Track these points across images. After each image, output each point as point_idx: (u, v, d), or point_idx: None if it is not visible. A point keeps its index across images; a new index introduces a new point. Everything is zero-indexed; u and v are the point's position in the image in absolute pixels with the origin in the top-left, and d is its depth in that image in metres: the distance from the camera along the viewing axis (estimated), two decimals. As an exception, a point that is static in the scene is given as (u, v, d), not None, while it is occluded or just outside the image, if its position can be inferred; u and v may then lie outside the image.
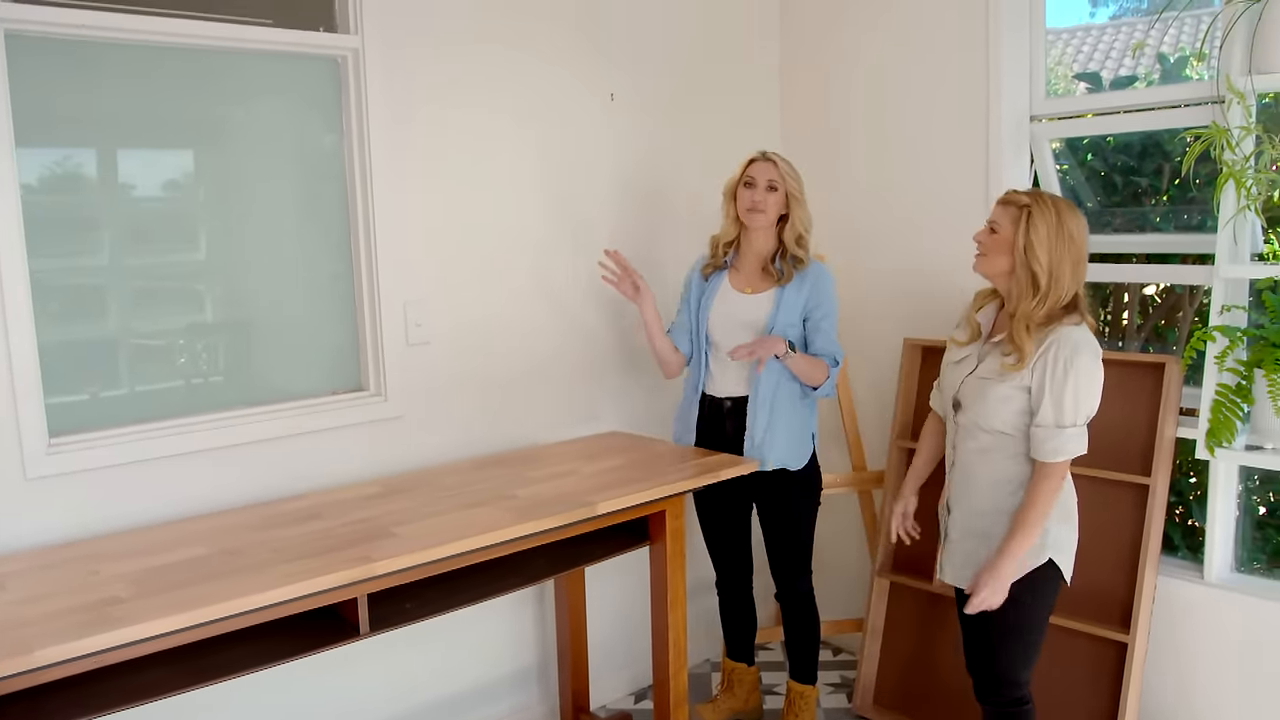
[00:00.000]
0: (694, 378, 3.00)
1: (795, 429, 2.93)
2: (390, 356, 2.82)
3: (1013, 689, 2.40)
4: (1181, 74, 3.23)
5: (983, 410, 2.31)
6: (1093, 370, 2.21)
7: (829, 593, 3.76)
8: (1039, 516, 2.24)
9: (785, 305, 2.86)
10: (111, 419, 2.43)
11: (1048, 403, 2.21)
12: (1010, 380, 2.26)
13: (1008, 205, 2.31)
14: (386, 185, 2.76)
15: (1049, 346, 2.22)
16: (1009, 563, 2.24)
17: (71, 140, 2.37)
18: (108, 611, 1.82)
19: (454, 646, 3.05)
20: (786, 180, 2.87)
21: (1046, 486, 2.23)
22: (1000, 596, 2.25)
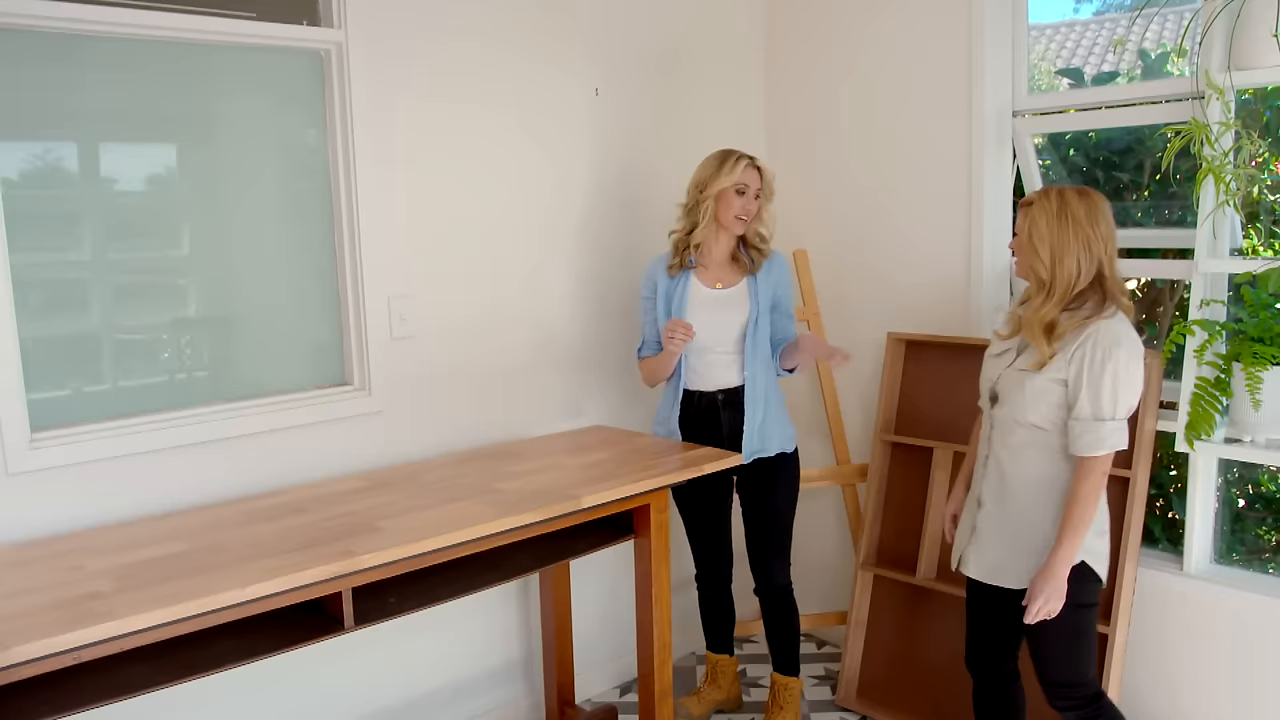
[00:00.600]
0: (675, 376, 3.00)
1: (783, 412, 3.04)
2: (374, 351, 2.81)
3: (1082, 689, 2.35)
4: (1163, 70, 3.25)
5: (1020, 403, 2.27)
6: (1132, 363, 2.18)
7: (813, 586, 3.78)
8: (1085, 515, 2.19)
9: (759, 295, 2.94)
10: (94, 414, 2.42)
11: (1085, 395, 2.18)
12: (1047, 373, 2.23)
13: (1022, 206, 2.31)
14: (370, 179, 2.76)
15: (1087, 338, 2.19)
16: (1062, 567, 2.20)
17: (53, 134, 2.35)
18: (90, 607, 1.82)
19: (440, 641, 3.05)
20: (770, 191, 2.97)
21: (1088, 484, 2.19)
22: (1058, 602, 2.21)
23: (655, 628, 2.75)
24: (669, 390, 3.03)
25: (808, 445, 3.76)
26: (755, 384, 2.94)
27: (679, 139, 3.50)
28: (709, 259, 2.99)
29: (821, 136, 3.66)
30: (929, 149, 3.35)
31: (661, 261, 3.03)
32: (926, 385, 3.36)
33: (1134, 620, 2.90)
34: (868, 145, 3.53)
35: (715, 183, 2.90)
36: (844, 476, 3.57)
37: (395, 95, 2.80)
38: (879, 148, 3.50)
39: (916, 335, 3.36)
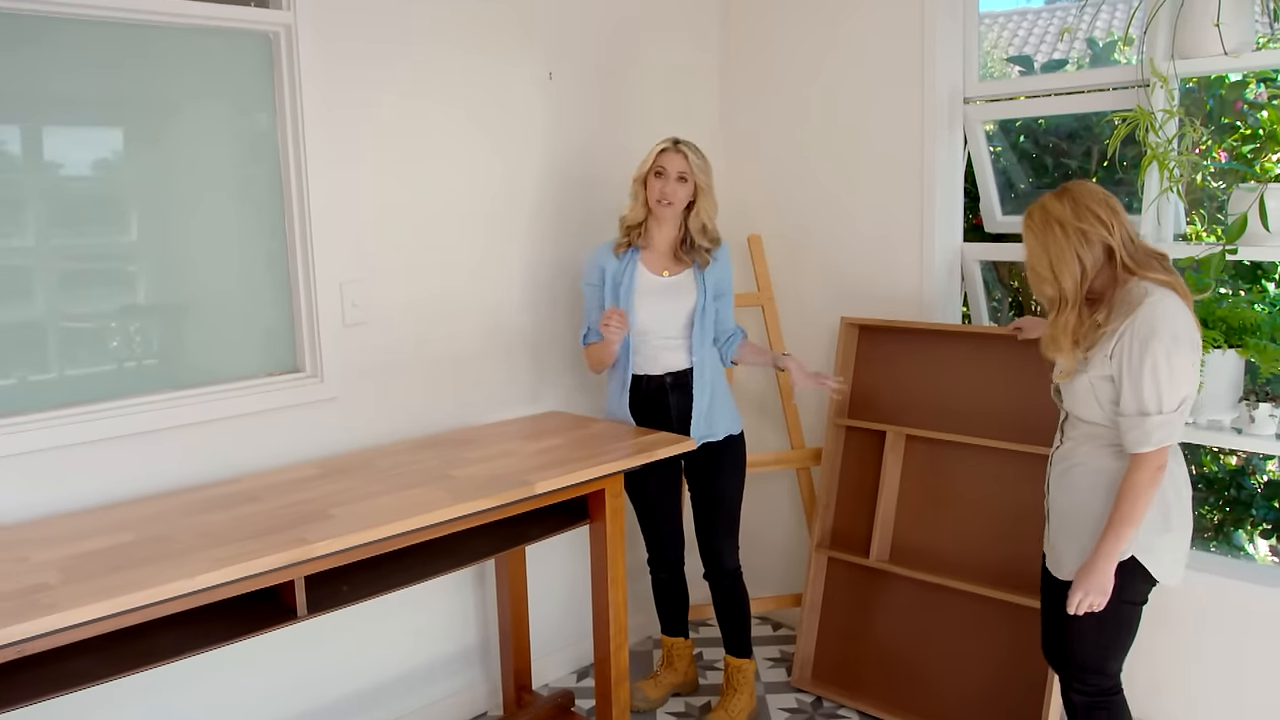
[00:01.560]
0: (621, 364, 3.00)
1: (729, 397, 3.07)
2: (326, 337, 2.79)
3: (1100, 679, 2.31)
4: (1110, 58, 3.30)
5: (1074, 400, 2.26)
6: (1173, 353, 2.08)
7: (768, 568, 3.82)
8: (1132, 511, 2.13)
9: (706, 283, 2.96)
10: (40, 404, 2.38)
11: (1128, 391, 2.12)
12: (1092, 370, 2.18)
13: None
14: (321, 164, 2.73)
15: (1125, 331, 2.12)
16: (1105, 562, 2.15)
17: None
18: (35, 599, 1.79)
19: (396, 628, 3.04)
20: (696, 173, 2.91)
21: (1136, 479, 2.12)
22: (1102, 597, 2.16)
23: (611, 612, 2.76)
24: (617, 376, 3.04)
25: (762, 430, 3.79)
26: (703, 370, 2.97)
27: (631, 124, 3.50)
28: (653, 244, 3.00)
29: (775, 122, 3.67)
30: (882, 134, 3.38)
31: (606, 248, 3.03)
32: (879, 370, 3.40)
33: (1080, 599, 2.96)
34: (821, 131, 3.55)
35: (640, 168, 2.95)
36: (798, 460, 3.60)
37: (346, 79, 2.77)
38: (832, 133, 3.52)
39: (870, 320, 3.39)
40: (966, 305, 3.49)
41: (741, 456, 3.09)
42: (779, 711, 3.26)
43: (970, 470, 3.14)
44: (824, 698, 3.33)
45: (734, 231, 3.72)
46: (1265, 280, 3.48)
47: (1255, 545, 3.91)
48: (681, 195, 2.91)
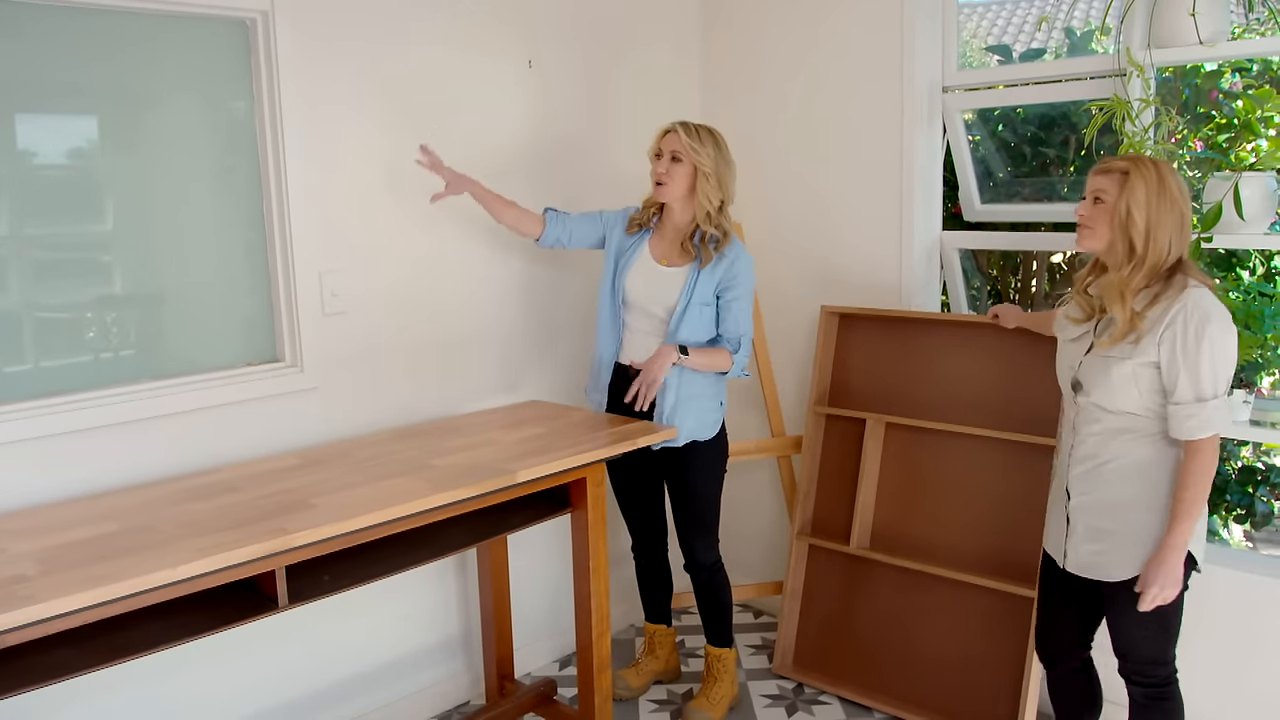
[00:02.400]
0: (608, 341, 2.99)
1: (705, 401, 2.94)
2: (306, 327, 2.78)
3: (1163, 669, 2.29)
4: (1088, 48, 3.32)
5: (1107, 391, 2.17)
6: (1226, 336, 2.07)
7: (749, 556, 3.84)
8: (1197, 498, 2.09)
9: (699, 285, 2.84)
10: (15, 395, 2.36)
11: (1184, 377, 2.06)
12: (1137, 357, 2.11)
13: (1109, 173, 2.17)
14: (299, 153, 2.71)
15: (1175, 316, 2.07)
16: (1176, 555, 2.11)
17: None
18: (13, 590, 1.78)
19: (379, 618, 3.04)
20: (690, 153, 2.79)
21: (1198, 465, 2.08)
22: (1173, 589, 2.13)
23: (593, 600, 2.77)
24: (605, 348, 3.00)
25: (743, 418, 3.81)
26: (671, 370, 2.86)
27: (611, 111, 3.50)
28: (664, 230, 2.95)
29: (756, 111, 3.68)
30: (861, 123, 3.39)
31: (631, 212, 3.01)
32: (859, 358, 3.41)
33: (1058, 584, 2.99)
34: (801, 120, 3.55)
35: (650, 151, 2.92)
36: (779, 448, 3.61)
37: (324, 66, 2.75)
38: (812, 122, 3.53)
39: (849, 308, 3.40)
40: (946, 294, 3.51)
41: (713, 457, 2.99)
42: (761, 698, 3.28)
43: (950, 457, 3.16)
44: (805, 684, 3.35)
45: (714, 220, 3.73)
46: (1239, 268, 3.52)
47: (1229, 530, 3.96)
48: (677, 176, 2.81)
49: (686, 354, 2.80)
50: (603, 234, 3.02)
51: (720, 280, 2.85)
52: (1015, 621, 2.96)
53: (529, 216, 2.95)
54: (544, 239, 2.97)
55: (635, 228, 2.97)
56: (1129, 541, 2.21)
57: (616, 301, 2.97)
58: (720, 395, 2.98)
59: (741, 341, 2.88)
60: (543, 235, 2.96)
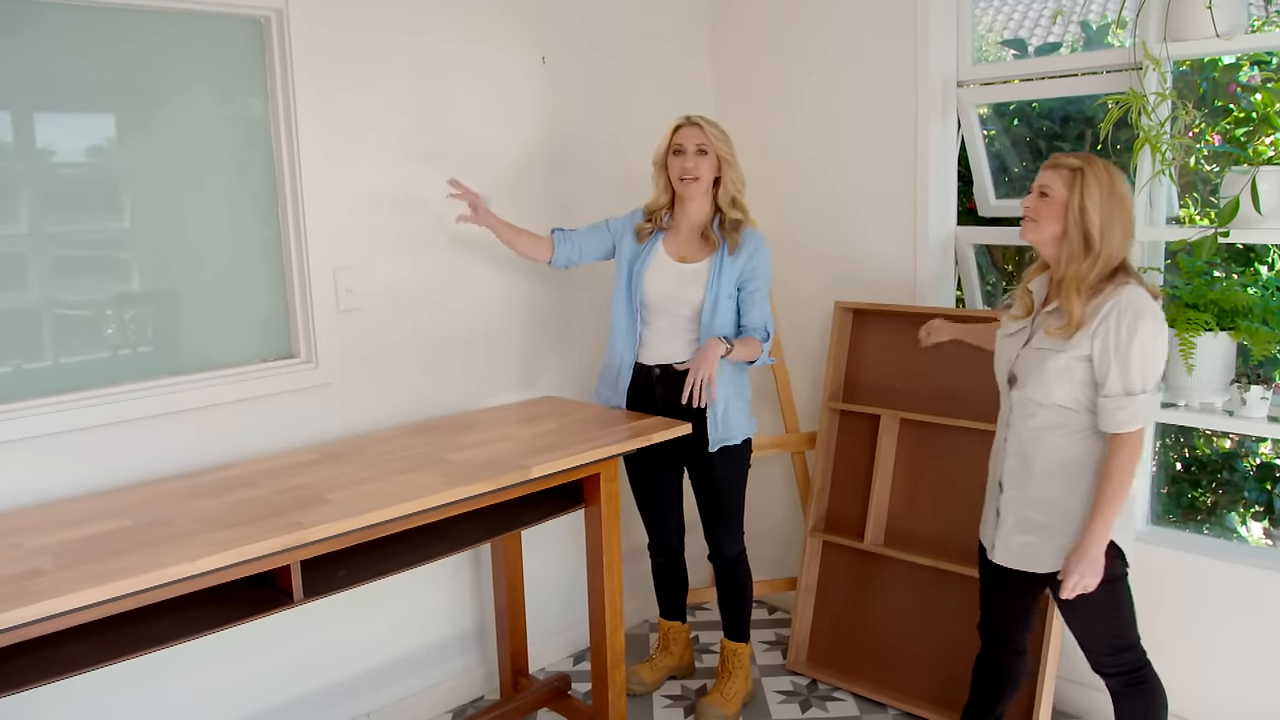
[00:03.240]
0: (626, 343, 2.98)
1: (745, 400, 2.99)
2: (321, 323, 2.79)
3: (1128, 654, 2.33)
4: (1104, 41, 3.29)
5: (1041, 384, 2.21)
6: (1157, 333, 2.13)
7: (763, 552, 3.83)
8: (1120, 491, 2.15)
9: (722, 277, 2.86)
10: (35, 390, 2.38)
11: (1115, 371, 2.12)
12: (1070, 350, 2.17)
13: (1058, 169, 2.22)
14: (313, 150, 2.72)
15: (1109, 312, 2.13)
16: (1097, 546, 2.16)
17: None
18: (30, 584, 1.79)
19: (393, 612, 3.05)
20: (715, 143, 2.85)
21: (1122, 459, 2.14)
22: (1095, 578, 2.18)
23: (606, 596, 2.77)
24: (621, 351, 2.98)
25: (757, 414, 3.78)
26: (723, 373, 2.86)
27: (624, 107, 3.50)
28: (679, 228, 2.95)
29: (768, 106, 3.67)
30: (875, 118, 3.37)
31: (630, 214, 3.01)
32: (873, 354, 3.40)
33: (1073, 580, 2.98)
34: (814, 115, 3.54)
35: (658, 151, 2.91)
36: (793, 444, 3.61)
37: (338, 63, 2.76)
38: (826, 117, 3.51)
39: (863, 304, 3.39)
40: (960, 289, 3.49)
41: (744, 454, 3.02)
42: (774, 694, 3.28)
43: (964, 454, 3.15)
44: (819, 680, 3.35)
45: (728, 216, 3.73)
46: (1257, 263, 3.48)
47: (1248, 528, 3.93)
48: (705, 169, 2.84)
49: (730, 344, 2.80)
50: (612, 243, 3.02)
51: (741, 271, 2.88)
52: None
53: (539, 242, 2.97)
54: (555, 261, 2.98)
55: (646, 234, 2.96)
56: (1056, 534, 2.26)
57: (634, 305, 2.95)
58: (748, 395, 3.02)
59: (769, 329, 2.91)
60: (553, 258, 2.98)
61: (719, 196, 2.89)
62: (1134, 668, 2.33)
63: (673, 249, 2.94)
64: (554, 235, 2.99)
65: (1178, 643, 2.85)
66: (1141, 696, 2.34)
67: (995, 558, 2.38)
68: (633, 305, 2.96)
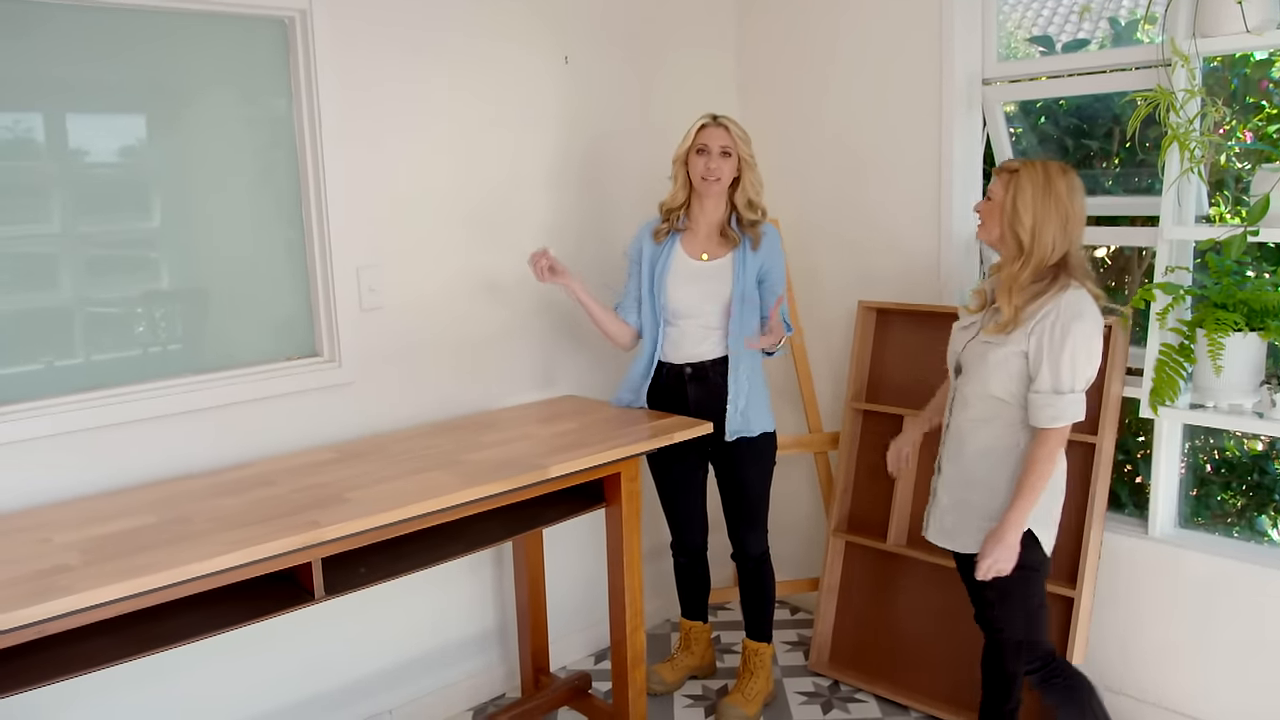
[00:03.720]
0: (649, 345, 2.98)
1: (765, 393, 3.01)
2: (344, 322, 2.81)
3: (1035, 648, 2.42)
4: (1133, 37, 3.25)
5: (982, 374, 2.32)
6: (1091, 336, 2.22)
7: (786, 552, 3.82)
8: (1038, 481, 2.25)
9: (745, 272, 2.88)
10: (67, 387, 2.42)
11: (1045, 368, 2.22)
12: (1009, 345, 2.26)
13: (1000, 173, 2.34)
14: (337, 149, 2.74)
15: (1049, 312, 2.22)
16: (1013, 529, 2.26)
17: (18, 105, 2.32)
18: (56, 580, 1.82)
19: (415, 610, 3.07)
20: (739, 145, 2.87)
21: (1044, 452, 2.24)
22: (1009, 562, 2.27)
23: (627, 595, 2.77)
24: (641, 360, 3.01)
25: (780, 414, 3.78)
26: (739, 362, 2.91)
27: (648, 105, 3.49)
28: (697, 226, 2.96)
29: (793, 104, 3.65)
30: (900, 116, 3.35)
31: (649, 227, 3.02)
32: (897, 353, 3.38)
33: (1099, 583, 2.95)
34: (839, 113, 3.52)
35: (680, 148, 2.91)
36: (816, 444, 3.59)
37: (362, 64, 2.77)
38: (850, 116, 3.49)
39: (887, 304, 3.37)
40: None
41: (769, 451, 3.04)
42: (796, 695, 3.27)
43: (988, 454, 3.12)
44: (841, 681, 3.33)
45: (751, 215, 3.71)
46: (1291, 262, 3.42)
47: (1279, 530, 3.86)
48: (727, 170, 2.86)
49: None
50: (638, 258, 3.02)
51: (762, 265, 2.91)
52: (1054, 620, 2.91)
53: (622, 328, 3.00)
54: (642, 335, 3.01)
55: (663, 235, 2.96)
56: (977, 515, 2.36)
57: (656, 307, 2.95)
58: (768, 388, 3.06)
59: (787, 320, 2.95)
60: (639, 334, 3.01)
61: (736, 197, 2.92)
62: (1044, 663, 2.43)
63: (692, 248, 2.94)
64: (624, 317, 3.01)
65: (1200, 647, 2.81)
66: (1063, 689, 2.42)
67: (929, 535, 2.50)
68: (655, 307, 2.95)
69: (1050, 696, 2.46)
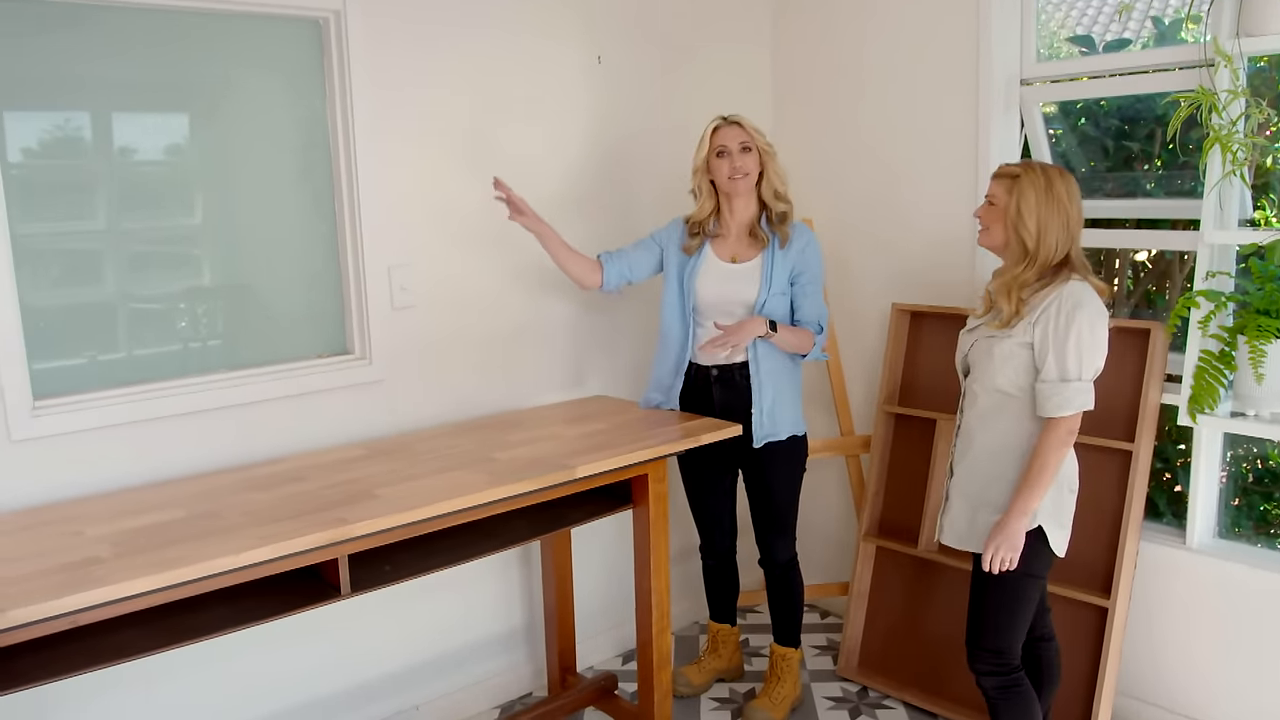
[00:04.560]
0: (679, 348, 2.96)
1: (795, 396, 2.97)
2: (375, 320, 2.83)
3: (1006, 657, 2.38)
4: (1177, 37, 3.19)
5: (988, 369, 2.33)
6: (1096, 324, 2.23)
7: (815, 556, 3.80)
8: (1046, 472, 2.24)
9: (775, 274, 2.85)
10: (110, 381, 2.46)
11: (1051, 358, 2.23)
12: (1015, 337, 2.28)
13: (1001, 178, 2.36)
14: (370, 148, 2.76)
15: (1052, 303, 2.24)
16: (1018, 520, 2.26)
17: (64, 104, 2.37)
18: (89, 571, 1.85)
19: (444, 607, 3.08)
20: (756, 137, 2.86)
21: (1052, 441, 2.24)
22: (1014, 553, 2.26)
23: (654, 597, 2.77)
24: (673, 356, 2.98)
25: (812, 416, 3.76)
26: (759, 365, 2.88)
27: (681, 105, 3.48)
28: (728, 230, 2.93)
29: (828, 104, 3.62)
30: (936, 117, 3.31)
31: (673, 224, 3.00)
32: (930, 356, 3.34)
33: (1134, 593, 2.90)
34: (875, 113, 3.49)
35: (698, 158, 2.90)
36: (847, 448, 3.56)
37: (395, 63, 2.79)
38: (886, 116, 3.46)
39: (921, 306, 3.34)
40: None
41: (797, 455, 3.01)
42: (824, 700, 3.24)
43: (1022, 460, 3.08)
44: (870, 687, 3.30)
45: (785, 216, 3.69)
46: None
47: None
48: (751, 164, 2.85)
49: (775, 330, 2.80)
50: (660, 254, 3.00)
51: (794, 266, 2.88)
52: (1086, 629, 2.87)
53: (587, 265, 2.93)
54: (606, 282, 2.95)
55: (694, 248, 2.93)
56: (991, 513, 2.34)
57: (687, 310, 2.93)
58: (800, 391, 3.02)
59: (821, 323, 2.90)
60: (604, 279, 2.95)
61: (763, 190, 2.90)
62: (1012, 671, 2.39)
63: (723, 251, 2.93)
64: (601, 258, 2.97)
65: (1237, 659, 2.75)
66: (1017, 700, 2.40)
67: (943, 539, 2.48)
68: (685, 309, 2.94)
69: (1001, 707, 2.41)
